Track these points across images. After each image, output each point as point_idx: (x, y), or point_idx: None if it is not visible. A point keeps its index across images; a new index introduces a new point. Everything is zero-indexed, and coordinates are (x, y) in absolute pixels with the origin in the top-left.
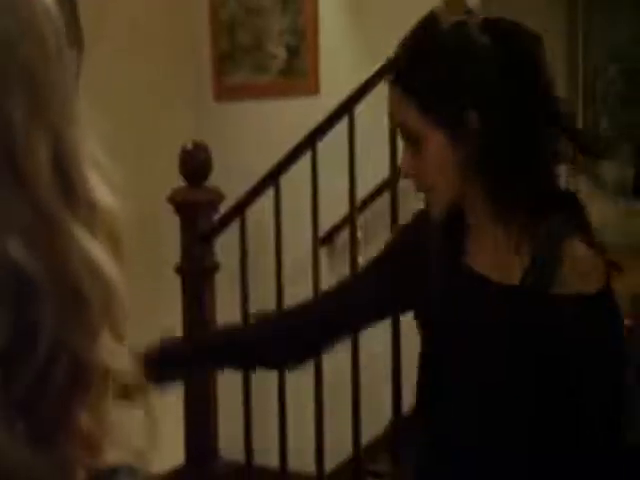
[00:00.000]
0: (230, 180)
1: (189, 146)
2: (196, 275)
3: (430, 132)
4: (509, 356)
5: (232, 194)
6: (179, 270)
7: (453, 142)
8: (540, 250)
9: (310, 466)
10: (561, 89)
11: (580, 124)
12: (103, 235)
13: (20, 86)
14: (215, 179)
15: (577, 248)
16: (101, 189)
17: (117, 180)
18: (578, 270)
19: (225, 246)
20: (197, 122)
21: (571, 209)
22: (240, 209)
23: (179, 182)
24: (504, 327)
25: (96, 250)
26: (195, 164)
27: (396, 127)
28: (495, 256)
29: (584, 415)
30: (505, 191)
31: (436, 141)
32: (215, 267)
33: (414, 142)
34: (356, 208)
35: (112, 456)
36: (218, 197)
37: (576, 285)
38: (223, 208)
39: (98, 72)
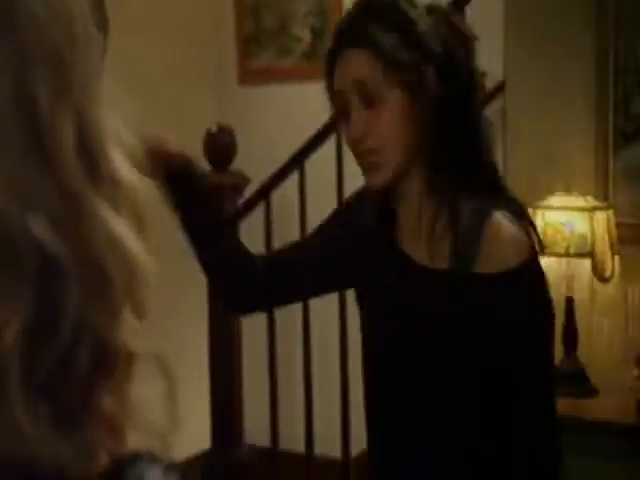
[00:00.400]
0: (254, 164)
1: (214, 129)
2: None
3: (389, 87)
4: (445, 340)
5: (256, 178)
6: None
7: (410, 98)
8: (464, 230)
9: (336, 451)
10: (591, 68)
11: (611, 103)
12: (128, 212)
13: (47, 69)
14: (239, 163)
15: (499, 224)
16: (125, 167)
17: (142, 160)
18: (499, 246)
19: (250, 230)
20: (220, 106)
21: (495, 187)
22: (265, 192)
23: (203, 166)
24: (436, 312)
25: (120, 227)
26: (220, 147)
27: (343, 92)
28: (424, 242)
29: (524, 397)
30: (447, 159)
31: (395, 97)
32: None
33: (371, 100)
34: None
35: (134, 440)
36: (243, 180)
37: (497, 262)
38: (248, 192)
39: (120, 55)
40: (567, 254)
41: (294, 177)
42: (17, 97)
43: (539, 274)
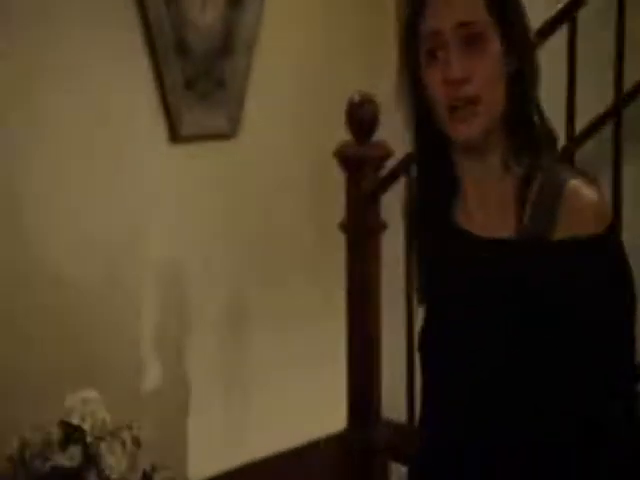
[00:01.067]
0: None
1: (356, 99)
2: (361, 234)
3: (493, 33)
4: (513, 313)
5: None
6: (344, 228)
7: (506, 52)
8: (540, 195)
9: None
10: None
11: None
12: None
13: None
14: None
15: (577, 189)
16: None
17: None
18: (578, 213)
19: (392, 203)
20: (373, 74)
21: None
22: (406, 166)
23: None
24: (502, 283)
25: None
26: (362, 118)
27: (440, 34)
28: (489, 212)
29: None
30: (528, 121)
31: (496, 43)
32: (381, 226)
33: (475, 43)
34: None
35: None
36: (385, 152)
37: (574, 229)
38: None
39: (279, 22)
40: None
41: None
42: None
43: (619, 247)
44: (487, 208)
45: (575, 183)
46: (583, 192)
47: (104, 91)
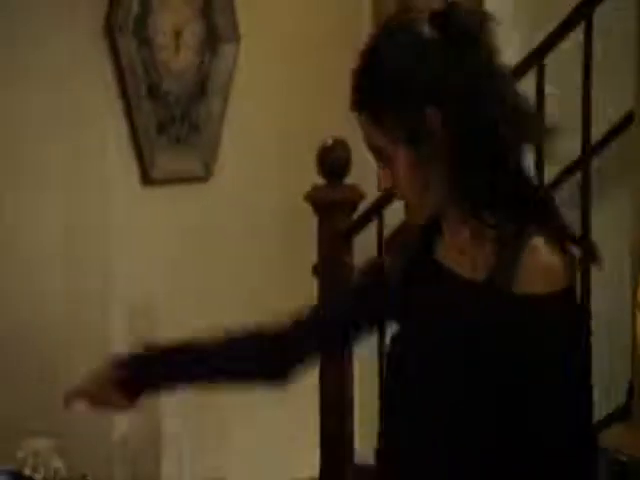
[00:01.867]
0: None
1: (329, 142)
2: (333, 278)
3: (394, 147)
4: (471, 353)
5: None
6: (316, 272)
7: (416, 151)
8: (504, 250)
9: None
10: None
11: None
12: None
13: None
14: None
15: (537, 251)
16: None
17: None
18: (531, 274)
19: (364, 247)
20: (349, 118)
21: (543, 211)
22: (378, 209)
23: (317, 180)
24: (468, 324)
25: None
26: (334, 161)
27: (369, 149)
28: (464, 253)
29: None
30: (473, 190)
31: (401, 154)
32: (353, 270)
33: (386, 161)
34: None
35: None
36: (357, 196)
37: (528, 286)
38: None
39: (253, 66)
40: None
41: None
42: None
43: (568, 310)
44: (462, 250)
45: (536, 242)
46: (541, 252)
47: (75, 133)
